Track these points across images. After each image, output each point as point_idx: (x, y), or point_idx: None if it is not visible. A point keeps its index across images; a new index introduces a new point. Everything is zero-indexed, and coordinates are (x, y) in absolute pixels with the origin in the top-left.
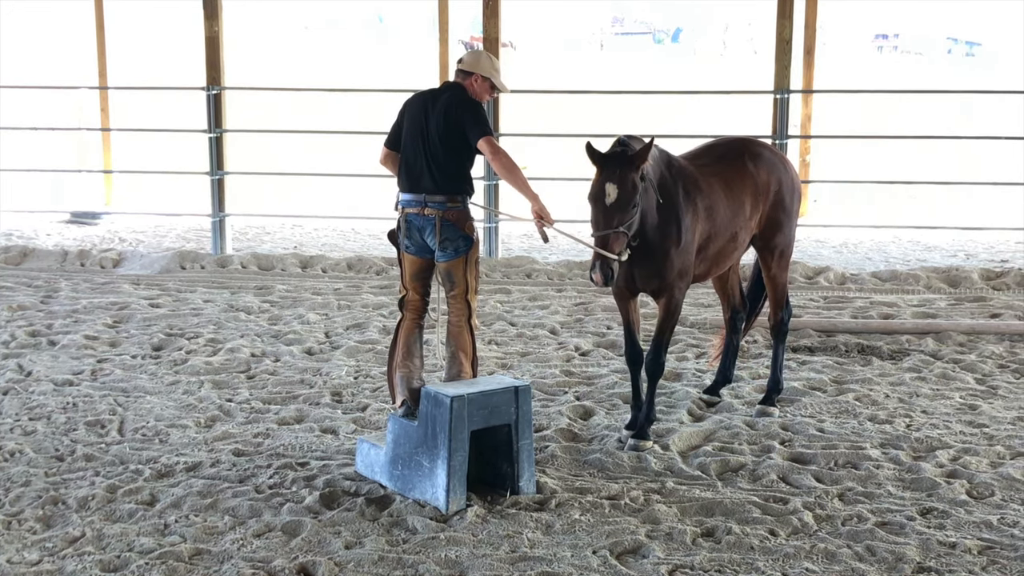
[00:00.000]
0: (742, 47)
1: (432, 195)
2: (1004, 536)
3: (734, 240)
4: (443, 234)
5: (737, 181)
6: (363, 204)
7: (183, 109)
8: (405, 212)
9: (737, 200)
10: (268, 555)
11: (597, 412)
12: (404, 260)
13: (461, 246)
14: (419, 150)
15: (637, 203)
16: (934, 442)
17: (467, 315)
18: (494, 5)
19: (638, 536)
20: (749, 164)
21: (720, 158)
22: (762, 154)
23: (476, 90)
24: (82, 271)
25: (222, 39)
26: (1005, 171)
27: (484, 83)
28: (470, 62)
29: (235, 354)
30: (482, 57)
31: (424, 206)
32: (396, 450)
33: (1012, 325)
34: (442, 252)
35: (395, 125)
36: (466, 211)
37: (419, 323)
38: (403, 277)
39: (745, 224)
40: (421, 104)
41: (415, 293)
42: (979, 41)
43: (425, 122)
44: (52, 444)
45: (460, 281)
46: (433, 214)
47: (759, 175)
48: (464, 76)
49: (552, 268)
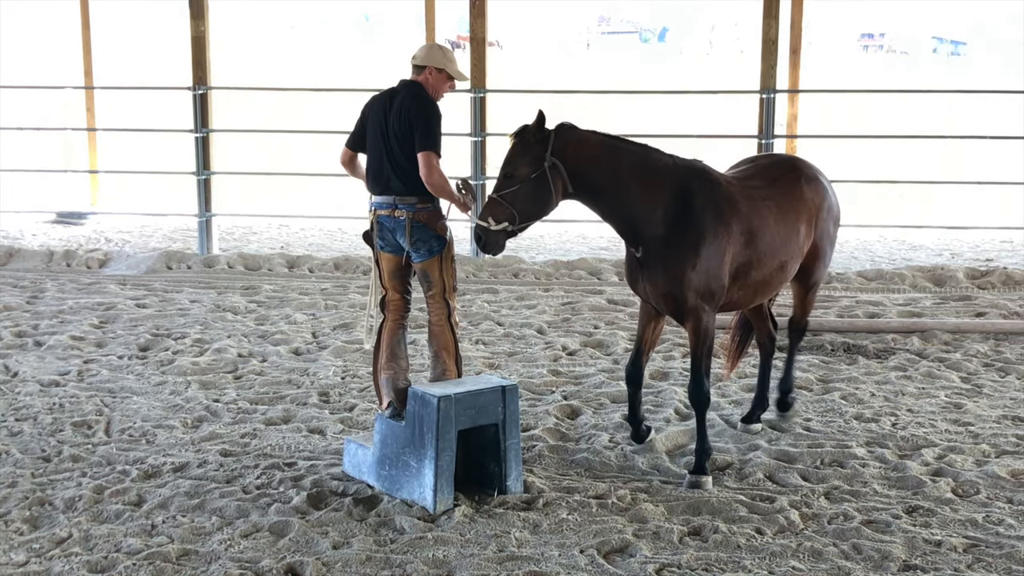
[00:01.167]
0: (728, 47)
1: (403, 197)
2: (989, 534)
3: (783, 269)
4: (414, 235)
5: (792, 207)
6: (350, 204)
7: (169, 109)
8: (376, 214)
9: (792, 227)
10: (256, 555)
11: (584, 411)
12: (381, 259)
13: (435, 246)
14: (382, 153)
15: (512, 176)
16: (920, 440)
17: (446, 313)
18: (480, 4)
19: (625, 535)
20: (805, 188)
21: (774, 181)
22: (816, 178)
23: (432, 83)
24: (68, 271)
25: (208, 39)
26: (990, 170)
27: (439, 75)
28: (421, 56)
29: (222, 354)
30: (433, 49)
31: (395, 208)
32: (384, 450)
33: (997, 324)
34: (416, 252)
35: (357, 125)
36: (437, 211)
37: (402, 323)
38: (381, 277)
39: (797, 252)
40: (380, 105)
41: (395, 292)
42: (964, 40)
43: (385, 124)
44: (39, 445)
45: (437, 281)
46: (403, 215)
47: (814, 199)
48: (418, 72)
49: (539, 268)
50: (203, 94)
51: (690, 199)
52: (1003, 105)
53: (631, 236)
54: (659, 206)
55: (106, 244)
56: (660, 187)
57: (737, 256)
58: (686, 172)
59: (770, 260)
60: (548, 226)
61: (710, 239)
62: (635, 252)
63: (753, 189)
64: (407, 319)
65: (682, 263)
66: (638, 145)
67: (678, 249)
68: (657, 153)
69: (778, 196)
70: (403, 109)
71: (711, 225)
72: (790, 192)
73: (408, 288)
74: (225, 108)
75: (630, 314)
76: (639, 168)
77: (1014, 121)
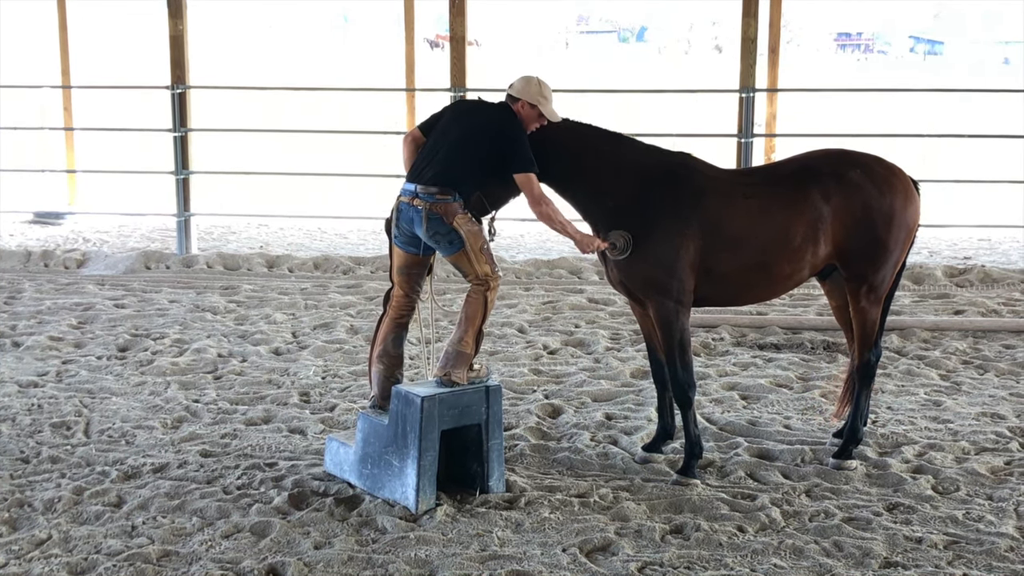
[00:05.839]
0: (707, 46)
1: (427, 186)
2: (969, 531)
3: (766, 270)
4: (431, 227)
5: (781, 208)
6: (329, 203)
7: (147, 108)
8: (399, 199)
9: (779, 228)
10: (237, 556)
11: (566, 410)
12: (393, 252)
13: (455, 239)
14: (439, 145)
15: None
16: (899, 438)
17: (484, 288)
18: (460, 4)
19: (607, 533)
20: (814, 189)
21: (779, 180)
22: (847, 176)
23: (523, 116)
24: (46, 272)
25: (186, 38)
26: (967, 169)
27: (532, 111)
28: (519, 88)
29: (201, 354)
30: (531, 83)
31: (415, 196)
32: (366, 449)
33: (976, 321)
34: (438, 246)
35: (436, 115)
36: (455, 205)
37: (402, 322)
38: (391, 270)
39: (792, 255)
40: (467, 106)
41: (399, 288)
42: (941, 40)
43: (460, 124)
44: (17, 446)
45: (470, 270)
46: (421, 205)
47: (829, 201)
48: (512, 101)
49: (520, 267)
50: (181, 93)
51: (651, 190)
52: (980, 104)
53: (592, 224)
54: (620, 195)
55: (84, 244)
56: (623, 176)
57: (701, 249)
58: (657, 163)
59: (746, 258)
60: (528, 225)
61: (660, 231)
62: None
63: (741, 186)
64: (409, 319)
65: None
66: (609, 133)
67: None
68: (630, 143)
69: (769, 196)
70: (494, 121)
71: (666, 217)
72: (790, 193)
73: (416, 288)
74: (204, 107)
75: (611, 313)
76: (604, 156)
77: (991, 120)
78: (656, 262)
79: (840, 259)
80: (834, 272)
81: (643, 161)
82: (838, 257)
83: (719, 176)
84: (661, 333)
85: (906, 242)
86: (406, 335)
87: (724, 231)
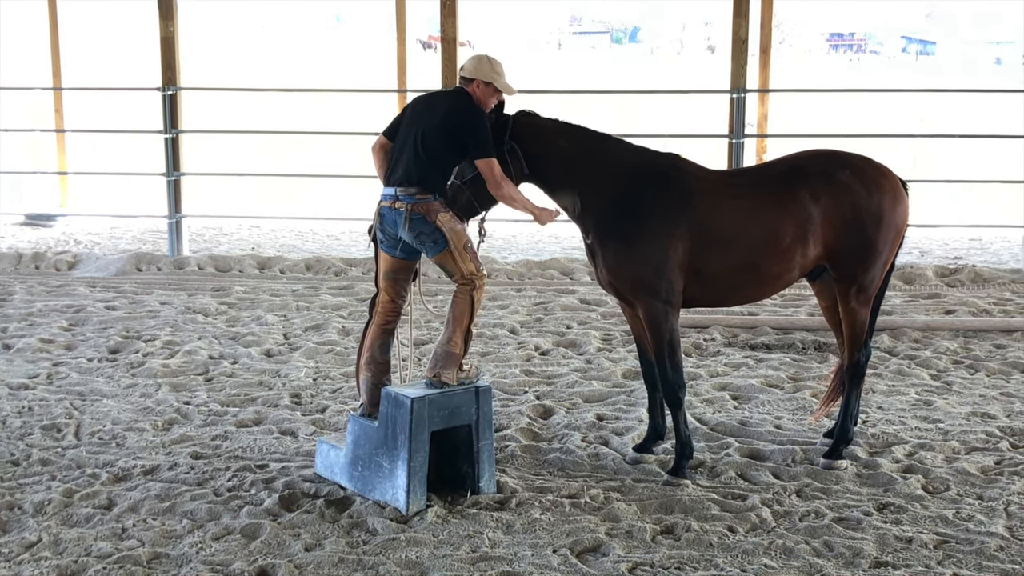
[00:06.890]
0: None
1: (406, 188)
2: (959, 530)
3: (755, 270)
4: (414, 228)
5: (770, 208)
6: (321, 205)
7: (139, 110)
8: (380, 204)
9: (768, 229)
10: (227, 558)
11: (557, 411)
12: (379, 257)
13: (439, 238)
14: (407, 145)
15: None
16: (890, 438)
17: (470, 287)
18: (452, 4)
19: (598, 534)
20: (803, 189)
21: (768, 181)
22: (836, 177)
23: (479, 96)
24: (37, 274)
25: (178, 39)
26: (958, 169)
27: (487, 88)
28: (470, 68)
29: (193, 356)
30: (481, 61)
31: (396, 199)
32: (356, 451)
33: (966, 321)
34: (422, 247)
35: (396, 118)
36: (437, 204)
37: (387, 328)
38: (376, 275)
39: (781, 256)
40: (424, 102)
41: (385, 293)
42: (933, 40)
43: (421, 119)
44: (7, 448)
45: (455, 270)
46: (403, 207)
47: (818, 201)
48: (466, 83)
49: (511, 268)
50: (173, 95)
51: (638, 191)
52: (972, 104)
53: (581, 223)
54: (606, 195)
55: (75, 246)
56: (611, 176)
57: (688, 250)
58: (646, 164)
59: (730, 259)
60: (520, 226)
61: (648, 232)
62: (586, 240)
63: (730, 187)
64: (395, 325)
65: (616, 254)
66: (598, 134)
67: (615, 240)
68: (618, 144)
69: (757, 196)
70: (451, 111)
71: (655, 218)
72: (779, 194)
73: (401, 293)
74: (195, 109)
75: (602, 314)
76: (592, 156)
77: (983, 120)
78: (645, 263)
79: (829, 259)
80: (824, 272)
81: (632, 162)
82: (827, 258)
83: (708, 177)
84: (651, 334)
85: (895, 242)
86: (393, 341)
87: (713, 232)
